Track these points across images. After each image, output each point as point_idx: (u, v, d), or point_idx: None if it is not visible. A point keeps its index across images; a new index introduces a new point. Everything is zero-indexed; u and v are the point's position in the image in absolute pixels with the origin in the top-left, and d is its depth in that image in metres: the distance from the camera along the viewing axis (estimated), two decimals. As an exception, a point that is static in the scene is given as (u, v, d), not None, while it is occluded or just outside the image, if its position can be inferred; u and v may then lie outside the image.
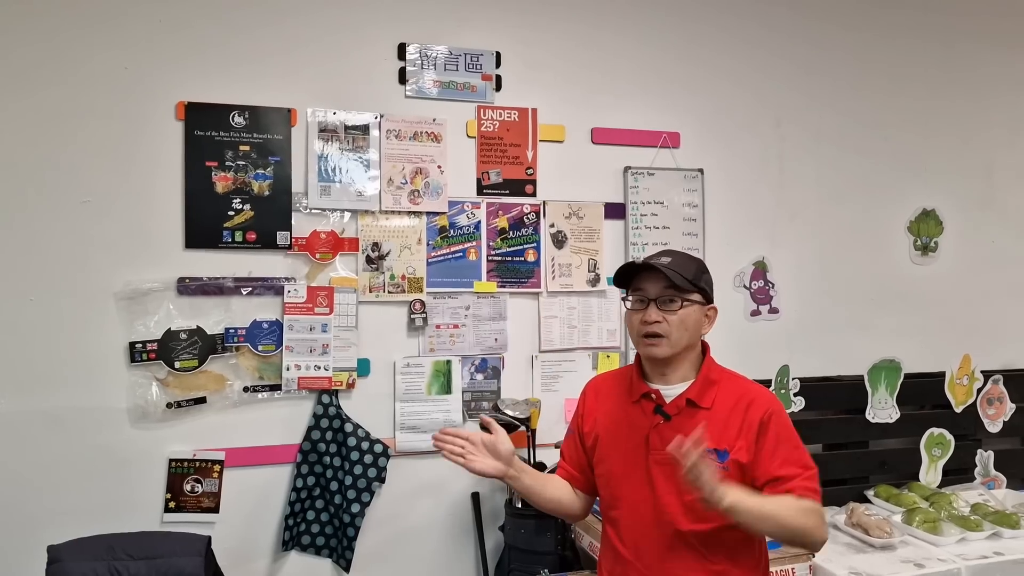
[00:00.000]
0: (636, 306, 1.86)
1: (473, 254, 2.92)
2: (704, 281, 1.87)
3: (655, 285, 1.83)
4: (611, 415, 1.94)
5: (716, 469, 1.64)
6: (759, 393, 1.85)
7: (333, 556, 2.76)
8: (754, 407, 1.80)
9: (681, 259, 1.86)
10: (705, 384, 1.85)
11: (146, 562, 2.29)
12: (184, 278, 2.61)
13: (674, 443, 1.62)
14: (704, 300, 1.86)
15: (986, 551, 2.56)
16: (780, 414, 1.81)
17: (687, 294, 1.81)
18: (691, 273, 1.83)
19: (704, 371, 1.86)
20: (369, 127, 2.80)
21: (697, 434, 1.61)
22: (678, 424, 1.81)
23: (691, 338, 1.84)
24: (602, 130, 3.07)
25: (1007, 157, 3.67)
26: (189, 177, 2.62)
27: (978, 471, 3.45)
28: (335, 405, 2.74)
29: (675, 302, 1.81)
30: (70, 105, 2.52)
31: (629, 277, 1.88)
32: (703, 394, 1.83)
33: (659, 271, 1.81)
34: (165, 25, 2.61)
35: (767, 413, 1.79)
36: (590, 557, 2.74)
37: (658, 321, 1.81)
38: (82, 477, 2.52)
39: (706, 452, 1.63)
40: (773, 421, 1.79)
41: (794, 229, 3.32)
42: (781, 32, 3.32)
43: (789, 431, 1.80)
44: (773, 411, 1.80)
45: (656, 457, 1.82)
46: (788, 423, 1.82)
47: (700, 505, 1.69)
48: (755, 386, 1.88)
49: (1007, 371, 3.53)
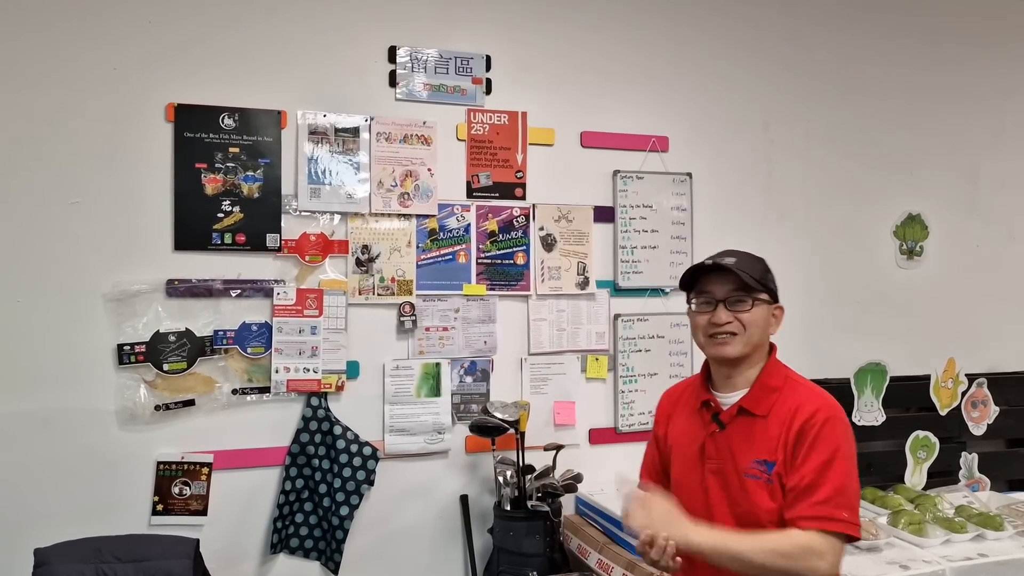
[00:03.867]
0: (703, 308, 1.82)
1: (463, 257, 2.92)
2: (770, 280, 1.83)
3: (722, 286, 1.79)
4: (680, 422, 1.94)
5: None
6: (811, 400, 1.74)
7: (322, 559, 2.76)
8: (799, 414, 1.72)
9: (746, 258, 1.83)
10: (762, 391, 1.79)
11: (134, 565, 2.29)
12: (173, 280, 2.60)
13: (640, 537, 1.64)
14: (771, 299, 1.82)
15: (970, 552, 2.58)
16: (826, 423, 1.69)
17: (756, 293, 1.78)
18: (758, 272, 1.80)
19: (762, 377, 1.80)
20: (359, 129, 2.81)
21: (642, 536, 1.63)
22: (731, 433, 1.79)
23: (761, 336, 1.81)
24: (591, 134, 3.08)
25: (992, 163, 3.70)
26: (178, 179, 2.61)
27: (962, 473, 3.48)
28: (324, 407, 2.74)
29: (745, 302, 1.77)
30: (59, 105, 2.51)
31: (690, 280, 1.85)
32: (758, 402, 1.78)
33: (725, 271, 1.78)
34: (155, 26, 2.60)
35: (810, 419, 1.70)
36: (578, 559, 2.75)
37: (729, 321, 1.78)
38: (69, 479, 2.51)
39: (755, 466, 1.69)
40: (814, 428, 1.68)
41: (781, 232, 3.34)
42: (769, 37, 3.34)
43: (829, 442, 1.67)
44: (818, 419, 1.69)
45: (711, 466, 1.81)
46: (834, 433, 1.68)
47: (750, 518, 1.70)
48: (815, 394, 1.77)
49: (991, 374, 3.56)
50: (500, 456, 2.78)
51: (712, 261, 1.81)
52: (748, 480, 1.75)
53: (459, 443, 2.92)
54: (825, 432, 1.68)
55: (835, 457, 1.66)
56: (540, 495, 2.69)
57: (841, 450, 1.67)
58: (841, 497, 1.65)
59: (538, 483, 2.71)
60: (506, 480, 2.72)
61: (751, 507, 1.74)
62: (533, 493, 2.69)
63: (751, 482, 1.75)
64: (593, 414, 3.09)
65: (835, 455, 1.66)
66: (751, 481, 1.75)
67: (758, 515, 1.73)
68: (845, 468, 1.67)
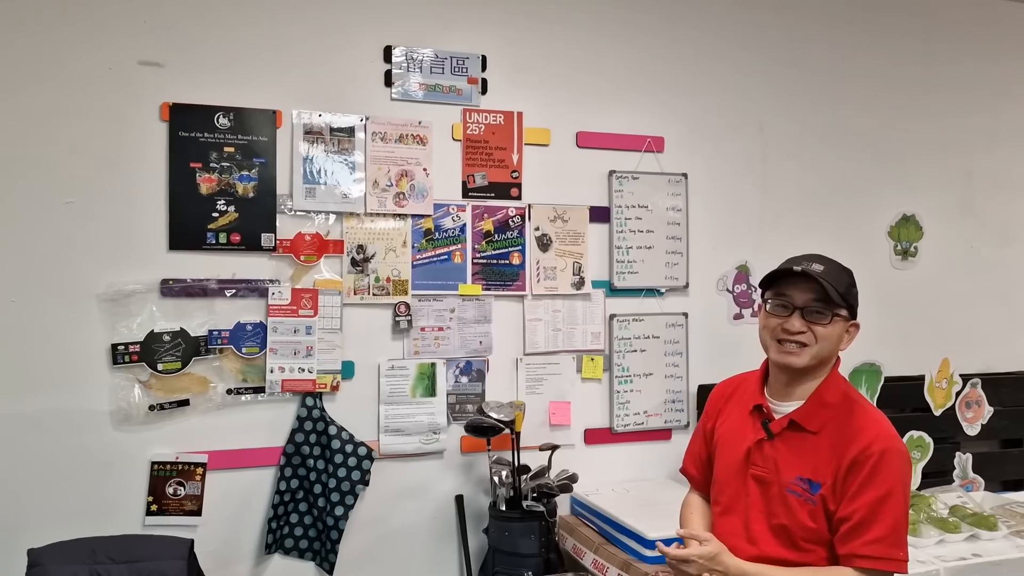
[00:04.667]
0: (778, 311, 1.76)
1: (458, 257, 2.92)
2: (853, 296, 1.76)
3: (803, 294, 1.72)
4: (730, 420, 1.91)
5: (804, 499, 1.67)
6: (869, 427, 1.67)
7: (316, 559, 2.75)
8: (856, 442, 1.65)
9: (834, 268, 1.75)
10: (817, 406, 1.73)
11: (128, 565, 2.28)
12: (167, 280, 2.59)
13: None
14: (850, 315, 1.74)
15: (964, 553, 2.59)
16: (884, 456, 1.62)
17: (837, 308, 1.71)
18: (843, 286, 1.73)
19: (819, 392, 1.74)
20: (354, 129, 2.80)
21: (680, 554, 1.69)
22: (779, 444, 1.75)
23: (831, 352, 1.74)
24: (587, 134, 3.08)
25: (986, 164, 3.72)
26: (173, 178, 2.60)
27: (956, 473, 3.49)
28: (319, 408, 2.73)
29: (824, 315, 1.71)
30: (53, 105, 2.50)
31: (770, 279, 1.79)
32: (811, 417, 1.73)
33: (810, 279, 1.70)
34: (150, 25, 2.59)
35: (866, 449, 1.63)
36: (574, 560, 2.75)
37: (802, 331, 1.71)
38: (63, 480, 2.50)
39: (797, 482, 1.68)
40: (870, 460, 1.62)
41: (777, 233, 3.34)
42: (765, 38, 3.34)
43: (885, 476, 1.61)
44: (875, 450, 1.62)
45: (754, 472, 1.79)
46: (890, 468, 1.61)
47: (785, 532, 1.70)
48: (874, 420, 1.69)
49: (985, 375, 3.57)
50: (495, 456, 2.78)
51: (801, 268, 1.73)
52: (790, 496, 1.72)
53: (454, 443, 2.91)
54: (883, 466, 1.62)
55: (891, 493, 1.62)
56: (535, 495, 2.69)
57: (897, 486, 1.62)
58: (895, 536, 1.61)
59: (533, 483, 2.71)
60: (501, 480, 2.72)
61: (789, 521, 1.71)
62: (528, 493, 2.69)
63: (793, 498, 1.72)
64: (588, 414, 3.09)
65: (891, 491, 1.62)
66: (793, 498, 1.72)
67: (794, 531, 1.71)
68: (901, 505, 1.62)
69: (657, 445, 3.17)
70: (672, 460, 3.19)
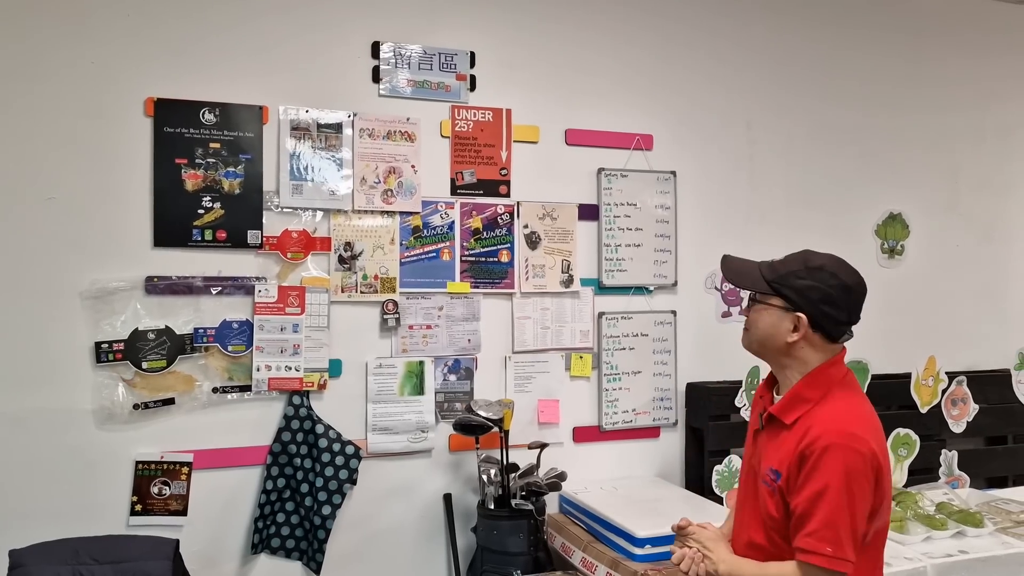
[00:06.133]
0: None
1: (447, 254, 2.91)
2: (794, 287, 1.75)
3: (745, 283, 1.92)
4: (753, 412, 1.99)
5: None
6: (821, 425, 1.69)
7: (303, 559, 2.73)
8: (807, 436, 1.68)
9: (785, 260, 1.83)
10: (795, 400, 1.76)
11: (112, 566, 2.26)
12: (152, 277, 2.56)
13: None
14: (788, 305, 1.76)
15: (951, 549, 2.60)
16: (826, 452, 1.63)
17: (765, 296, 1.80)
18: (776, 275, 1.79)
19: (798, 387, 1.77)
20: (342, 126, 2.78)
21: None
22: (764, 435, 1.83)
23: (771, 340, 1.79)
24: (576, 131, 3.07)
25: (971, 163, 3.74)
26: (158, 174, 2.57)
27: (942, 471, 3.51)
28: (306, 406, 2.71)
29: (755, 302, 1.84)
30: (34, 99, 2.47)
31: None
32: (787, 410, 1.76)
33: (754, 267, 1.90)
34: (134, 19, 2.56)
35: (811, 444, 1.66)
36: (562, 558, 2.74)
37: (746, 317, 1.89)
38: (46, 479, 2.47)
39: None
40: (813, 455, 1.65)
41: (764, 231, 3.35)
42: (753, 36, 3.35)
43: (824, 472, 1.62)
44: (818, 445, 1.65)
45: (751, 461, 1.88)
46: (830, 464, 1.63)
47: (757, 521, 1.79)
48: (832, 417, 1.70)
49: (971, 372, 3.59)
50: (484, 455, 2.77)
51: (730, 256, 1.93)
52: (762, 485, 1.78)
53: (443, 442, 2.90)
54: (823, 462, 1.63)
55: (828, 488, 1.62)
56: (524, 494, 2.68)
57: (836, 481, 1.62)
58: (828, 531, 1.61)
59: (522, 482, 2.70)
60: (490, 479, 2.71)
61: (763, 511, 1.78)
62: (517, 492, 2.68)
63: (764, 488, 1.78)
64: (577, 412, 3.08)
65: (828, 486, 1.62)
66: (764, 487, 1.78)
67: (763, 520, 1.78)
68: (837, 501, 1.61)
69: (645, 443, 3.17)
70: (660, 458, 3.19)
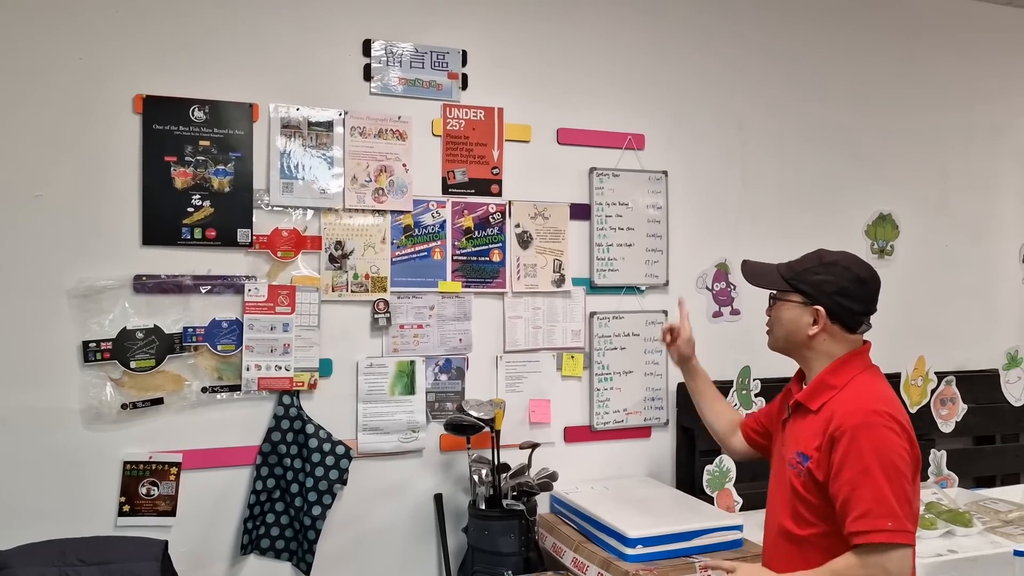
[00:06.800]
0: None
1: (438, 254, 2.90)
2: (809, 281, 1.87)
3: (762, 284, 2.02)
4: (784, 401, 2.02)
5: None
6: (847, 406, 1.74)
7: (293, 559, 2.72)
8: (835, 419, 1.73)
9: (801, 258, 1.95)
10: (820, 387, 1.84)
11: (99, 567, 2.24)
12: (141, 276, 2.54)
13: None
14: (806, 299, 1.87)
15: (940, 549, 2.61)
16: (855, 432, 1.67)
17: (784, 292, 1.91)
18: (792, 272, 1.91)
19: (823, 375, 1.85)
20: (333, 124, 2.76)
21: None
22: (791, 424, 1.90)
23: (795, 335, 1.89)
24: (568, 131, 3.07)
25: (961, 164, 3.76)
26: (147, 172, 2.55)
27: (931, 470, 3.52)
28: (296, 406, 2.69)
29: (774, 300, 1.95)
30: (21, 95, 2.44)
31: None
32: (812, 397, 1.84)
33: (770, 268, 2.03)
34: (122, 14, 2.54)
35: (840, 426, 1.70)
36: (553, 558, 2.74)
37: (768, 317, 1.98)
38: (33, 480, 2.44)
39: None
40: (844, 437, 1.68)
41: (755, 231, 3.35)
42: (745, 36, 3.35)
43: (857, 453, 1.66)
44: (846, 426, 1.69)
45: (779, 450, 1.94)
46: (860, 444, 1.66)
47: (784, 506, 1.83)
48: (858, 397, 1.76)
49: (960, 372, 3.60)
50: (475, 455, 2.76)
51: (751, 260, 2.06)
52: (788, 468, 1.85)
53: (433, 442, 2.89)
54: (854, 444, 1.67)
55: (867, 470, 1.64)
56: (515, 494, 2.68)
57: (873, 461, 1.64)
58: (881, 507, 1.62)
59: (513, 482, 2.69)
60: (481, 479, 2.70)
61: (791, 493, 1.82)
62: (508, 492, 2.68)
63: (790, 471, 1.84)
64: (568, 412, 3.08)
65: (867, 468, 1.64)
66: (790, 470, 1.84)
67: (790, 501, 1.83)
68: (880, 477, 1.63)
69: (637, 443, 3.17)
70: (652, 458, 3.19)
